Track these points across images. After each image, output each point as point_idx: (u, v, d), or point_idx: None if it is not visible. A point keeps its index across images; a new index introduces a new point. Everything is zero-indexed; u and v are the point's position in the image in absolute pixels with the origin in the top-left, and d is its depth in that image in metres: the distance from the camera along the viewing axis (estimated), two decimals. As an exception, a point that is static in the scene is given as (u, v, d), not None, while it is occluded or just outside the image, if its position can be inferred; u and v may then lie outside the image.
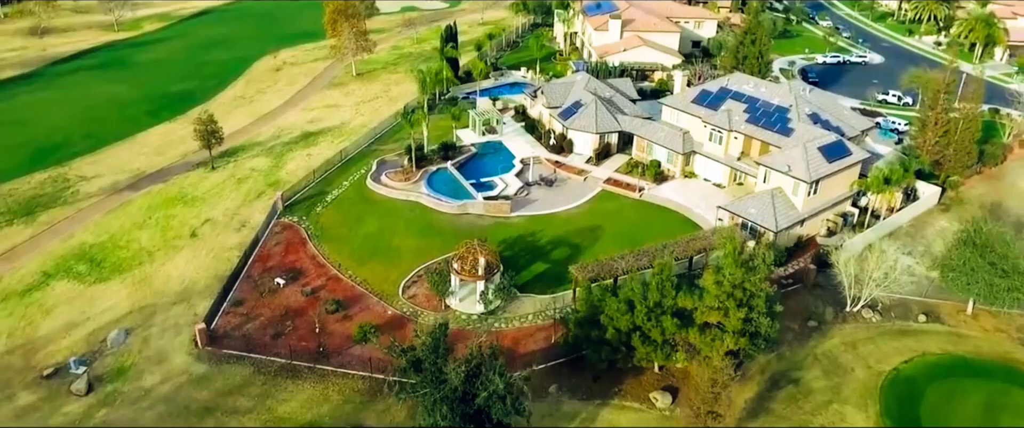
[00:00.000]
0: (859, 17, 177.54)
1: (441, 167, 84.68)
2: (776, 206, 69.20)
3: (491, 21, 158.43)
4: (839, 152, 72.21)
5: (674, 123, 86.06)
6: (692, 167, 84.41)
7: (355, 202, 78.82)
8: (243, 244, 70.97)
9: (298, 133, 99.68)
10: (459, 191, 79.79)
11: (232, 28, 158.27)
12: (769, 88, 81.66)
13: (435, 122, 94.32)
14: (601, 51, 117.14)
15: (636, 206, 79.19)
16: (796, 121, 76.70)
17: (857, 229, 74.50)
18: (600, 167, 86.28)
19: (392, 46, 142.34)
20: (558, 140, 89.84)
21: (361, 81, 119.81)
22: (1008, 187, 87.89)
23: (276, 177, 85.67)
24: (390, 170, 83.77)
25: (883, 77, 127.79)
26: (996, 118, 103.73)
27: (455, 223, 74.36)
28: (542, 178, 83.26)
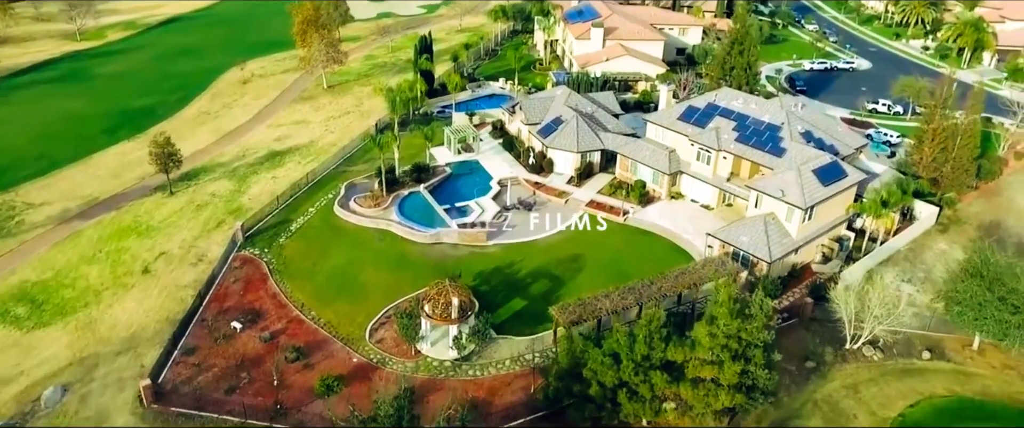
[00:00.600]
0: (845, 20, 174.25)
1: (414, 190, 79.81)
2: (769, 234, 64.99)
3: (469, 28, 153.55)
4: (835, 174, 68.11)
5: (659, 141, 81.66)
6: (679, 187, 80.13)
7: (321, 231, 73.79)
8: (199, 281, 65.79)
9: (264, 152, 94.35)
10: (432, 217, 74.99)
11: (200, 37, 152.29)
12: (759, 104, 77.47)
13: (408, 140, 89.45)
14: (583, 61, 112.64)
15: (620, 231, 74.74)
16: (788, 140, 72.55)
17: (854, 254, 70.54)
18: (582, 188, 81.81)
19: (366, 55, 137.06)
20: (537, 159, 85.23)
21: (332, 94, 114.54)
22: (1007, 204, 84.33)
23: (238, 203, 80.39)
24: (359, 195, 78.78)
25: (872, 84, 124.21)
26: (989, 128, 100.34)
27: (428, 254, 69.55)
28: (521, 202, 78.63)
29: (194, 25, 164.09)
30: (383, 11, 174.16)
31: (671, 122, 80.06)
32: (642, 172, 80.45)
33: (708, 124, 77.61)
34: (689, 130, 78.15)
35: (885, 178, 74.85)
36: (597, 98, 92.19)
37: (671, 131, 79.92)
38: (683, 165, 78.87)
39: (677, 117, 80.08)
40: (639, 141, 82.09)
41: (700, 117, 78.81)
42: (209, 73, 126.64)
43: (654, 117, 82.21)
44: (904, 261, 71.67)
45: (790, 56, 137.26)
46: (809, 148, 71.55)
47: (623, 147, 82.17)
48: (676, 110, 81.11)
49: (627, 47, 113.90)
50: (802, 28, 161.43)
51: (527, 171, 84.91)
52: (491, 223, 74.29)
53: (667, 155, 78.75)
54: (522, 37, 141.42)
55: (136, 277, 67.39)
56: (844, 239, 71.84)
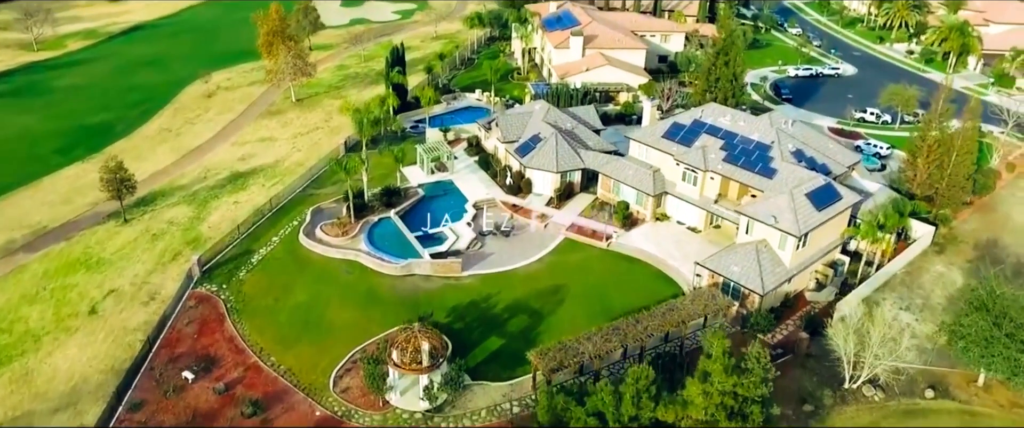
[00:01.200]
0: (828, 23, 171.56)
1: (384, 216, 75.18)
2: (762, 263, 61.14)
3: (445, 34, 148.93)
4: (829, 197, 64.40)
5: (643, 159, 77.64)
6: (664, 209, 76.19)
7: (285, 264, 68.97)
8: (149, 324, 60.79)
9: (226, 174, 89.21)
10: (404, 246, 70.40)
11: (164, 46, 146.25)
12: (748, 121, 73.66)
13: (378, 159, 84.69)
14: (562, 71, 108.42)
15: (603, 257, 70.64)
16: (779, 160, 68.80)
17: (849, 280, 66.93)
18: (562, 210, 77.62)
19: (337, 65, 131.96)
20: (515, 179, 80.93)
21: (300, 108, 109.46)
22: (1002, 220, 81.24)
23: (196, 232, 75.32)
24: (326, 222, 74.00)
25: (858, 91, 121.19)
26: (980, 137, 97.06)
27: (398, 288, 65.02)
28: (497, 227, 74.29)
29: (159, 34, 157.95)
30: (356, 17, 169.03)
31: (655, 140, 76.06)
32: (625, 193, 76.44)
33: (694, 142, 73.70)
34: (674, 149, 74.20)
35: (879, 198, 71.33)
36: (577, 112, 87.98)
37: (655, 149, 75.89)
38: (668, 185, 74.92)
39: (662, 135, 76.10)
40: (622, 160, 78.03)
41: (686, 135, 74.87)
42: (172, 86, 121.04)
43: (637, 134, 78.18)
44: (901, 286, 68.16)
45: (775, 62, 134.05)
46: (801, 168, 67.83)
47: (605, 166, 78.07)
48: (660, 127, 77.11)
49: (608, 56, 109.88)
50: (785, 32, 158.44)
51: (504, 192, 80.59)
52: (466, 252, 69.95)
53: (651, 175, 74.76)
54: (499, 44, 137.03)
55: (81, 319, 62.24)
56: (838, 264, 68.25)
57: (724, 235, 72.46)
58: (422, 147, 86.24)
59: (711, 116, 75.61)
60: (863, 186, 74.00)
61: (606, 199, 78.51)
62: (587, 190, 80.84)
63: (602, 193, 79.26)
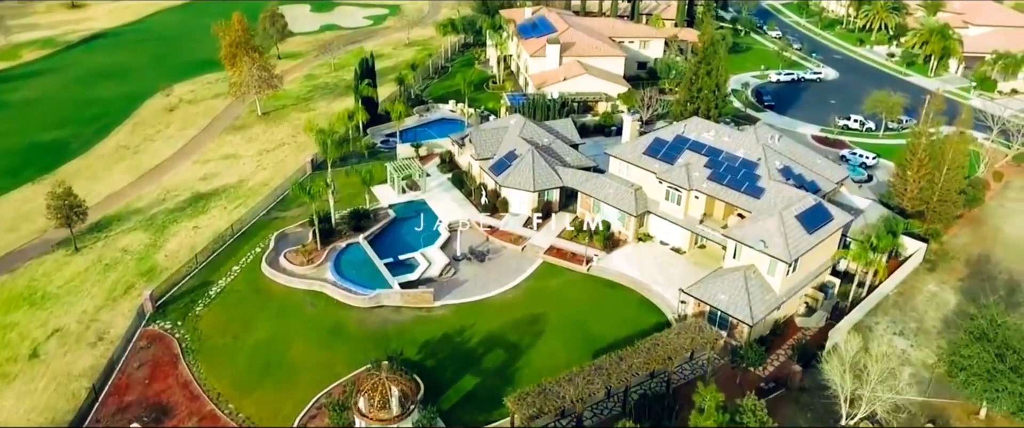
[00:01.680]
0: (807, 25, 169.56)
1: (352, 241, 71.08)
2: (750, 290, 57.93)
3: (418, 41, 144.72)
4: (820, 219, 61.36)
5: (624, 176, 74.23)
6: (647, 228, 72.87)
7: (246, 296, 64.69)
8: (96, 368, 56.27)
9: (187, 195, 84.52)
10: (373, 274, 66.39)
11: (125, 56, 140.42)
12: (733, 137, 70.48)
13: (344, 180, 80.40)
14: (538, 80, 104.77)
15: (584, 283, 67.15)
16: (766, 178, 65.66)
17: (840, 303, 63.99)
18: (540, 231, 74.01)
19: (306, 75, 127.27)
20: (491, 198, 77.20)
21: (266, 122, 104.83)
22: (992, 233, 78.89)
23: (152, 262, 70.72)
24: (291, 249, 69.77)
25: (841, 96, 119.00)
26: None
27: (366, 322, 61.04)
28: (472, 251, 70.56)
29: (120, 42, 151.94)
30: (327, 23, 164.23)
31: (636, 157, 72.66)
32: (606, 212, 73.02)
33: (677, 159, 70.41)
34: (656, 166, 70.85)
35: (870, 215, 68.49)
36: (555, 126, 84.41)
37: (637, 167, 72.49)
38: (651, 204, 71.59)
39: (643, 151, 72.72)
40: (602, 178, 74.55)
41: (668, 151, 71.55)
42: (132, 99, 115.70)
43: (618, 151, 74.73)
44: (894, 308, 65.37)
45: (756, 66, 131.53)
46: (789, 187, 64.73)
47: (584, 184, 74.59)
48: (641, 143, 73.71)
49: (586, 64, 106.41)
50: (765, 34, 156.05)
51: (479, 212, 76.81)
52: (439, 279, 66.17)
53: (632, 194, 71.39)
54: (474, 51, 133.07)
55: (21, 364, 57.56)
56: (828, 286, 65.32)
57: (710, 256, 69.33)
58: (392, 165, 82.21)
59: (694, 131, 72.36)
60: (853, 202, 71.17)
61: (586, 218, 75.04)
62: (566, 208, 77.35)
63: (582, 212, 75.78)
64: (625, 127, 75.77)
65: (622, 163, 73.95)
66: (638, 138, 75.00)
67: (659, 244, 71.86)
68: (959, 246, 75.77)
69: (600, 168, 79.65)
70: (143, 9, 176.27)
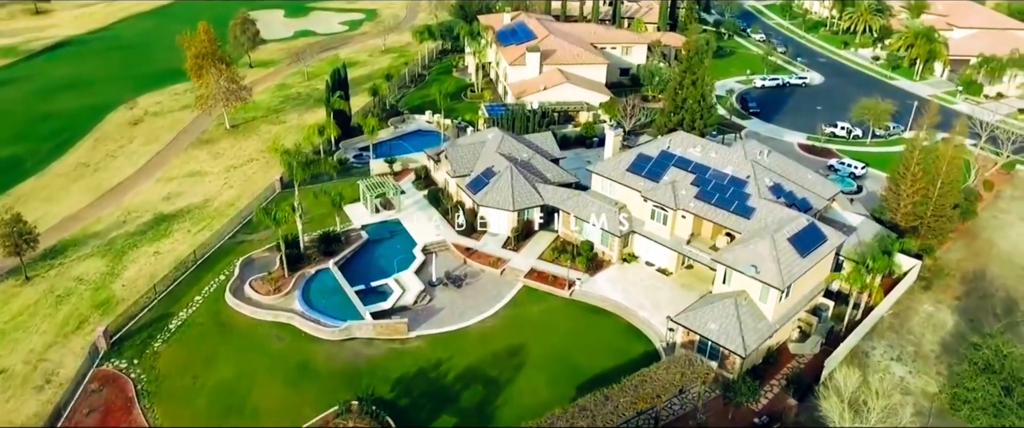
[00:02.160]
0: (791, 27, 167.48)
1: (322, 267, 67.28)
2: (742, 319, 54.86)
3: (395, 47, 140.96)
4: (813, 240, 58.40)
5: (607, 194, 71.00)
6: (632, 248, 69.70)
7: (207, 330, 60.75)
8: (41, 416, 52.21)
9: (149, 217, 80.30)
10: (344, 304, 62.67)
11: (90, 66, 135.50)
12: (720, 153, 67.38)
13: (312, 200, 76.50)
14: (518, 90, 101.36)
15: (567, 309, 63.85)
16: (756, 197, 62.61)
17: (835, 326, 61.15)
18: (520, 252, 70.64)
19: (278, 84, 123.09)
20: (468, 217, 73.72)
21: (235, 136, 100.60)
22: (987, 247, 76.49)
23: (108, 292, 66.58)
24: (256, 277, 65.88)
25: (827, 102, 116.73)
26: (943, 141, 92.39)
27: (337, 357, 57.36)
28: (448, 276, 67.04)
29: (86, 51, 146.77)
30: (301, 29, 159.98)
31: (620, 174, 69.41)
32: (589, 231, 69.78)
33: (662, 176, 67.22)
34: (641, 184, 67.62)
35: (863, 234, 65.65)
36: (534, 140, 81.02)
37: (620, 184, 69.26)
38: (635, 224, 68.39)
39: (627, 168, 69.47)
40: (584, 196, 71.24)
41: (653, 168, 68.35)
42: (95, 112, 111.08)
43: (600, 168, 71.43)
44: (890, 331, 62.63)
45: (741, 71, 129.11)
46: (780, 206, 61.72)
47: (566, 202, 71.25)
48: (625, 159, 70.45)
49: (566, 73, 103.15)
50: (748, 37, 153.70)
51: (456, 233, 73.26)
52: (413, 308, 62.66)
53: (616, 213, 68.16)
54: (452, 58, 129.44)
55: (-40, 412, 53.34)
56: (822, 309, 62.46)
57: (698, 277, 66.30)
58: (365, 183, 78.37)
59: (680, 146, 69.21)
60: (845, 219, 68.35)
61: (568, 237, 71.83)
62: (548, 227, 74.01)
63: (563, 231, 72.55)
64: (607, 142, 72.46)
65: (605, 180, 70.67)
66: (621, 153, 71.75)
67: (645, 265, 68.74)
68: (954, 262, 73.27)
69: (582, 184, 76.41)
70: (111, 14, 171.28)
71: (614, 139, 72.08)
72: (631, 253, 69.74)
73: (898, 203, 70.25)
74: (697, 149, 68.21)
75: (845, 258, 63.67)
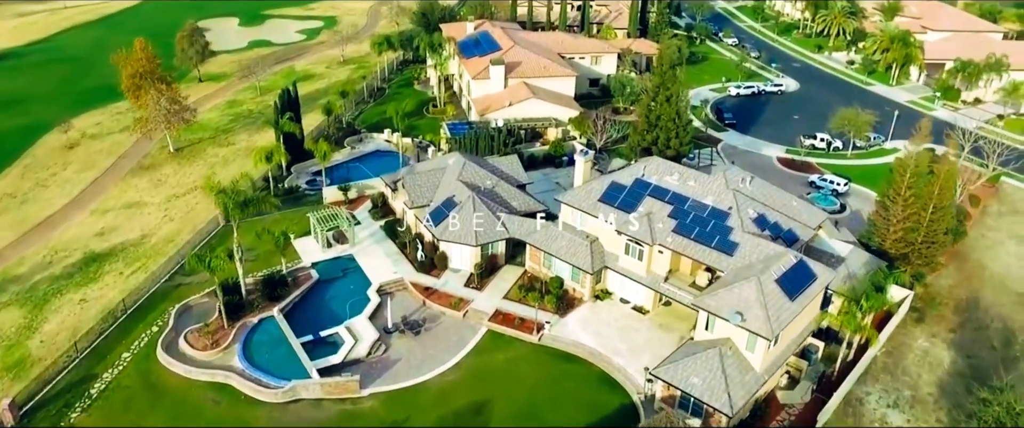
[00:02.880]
0: (763, 30, 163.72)
1: (265, 316, 60.99)
2: (727, 372, 49.77)
3: (354, 58, 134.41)
4: (803, 281, 53.50)
5: (578, 226, 65.62)
6: (605, 284, 64.41)
7: (135, 394, 54.17)
8: (-67, 508, 45.36)
9: (78, 256, 73.35)
10: (289, 359, 56.47)
11: (26, 81, 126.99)
12: (700, 181, 62.23)
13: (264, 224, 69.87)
14: (482, 105, 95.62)
15: (535, 356, 58.32)
16: (739, 230, 57.59)
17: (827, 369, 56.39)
18: (484, 290, 64.98)
19: (228, 101, 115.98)
20: (428, 252, 67.88)
21: (178, 161, 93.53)
22: (978, 271, 72.48)
23: (23, 351, 59.65)
24: (193, 328, 59.38)
25: (804, 110, 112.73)
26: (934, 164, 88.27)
27: (280, 422, 51.39)
28: (405, 322, 61.17)
29: (23, 65, 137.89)
30: (256, 39, 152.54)
31: (591, 205, 64.01)
32: (558, 267, 64.30)
33: (637, 207, 61.92)
34: (614, 216, 62.24)
35: (853, 265, 60.91)
36: (499, 165, 75.38)
37: (592, 216, 63.85)
38: (609, 259, 63.06)
39: (598, 198, 64.09)
40: (553, 228, 65.74)
41: (627, 198, 63.01)
42: (28, 134, 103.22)
43: (569, 197, 65.96)
44: (884, 373, 58.03)
45: (716, 79, 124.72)
46: (765, 241, 56.73)
47: (533, 235, 65.69)
48: (596, 188, 65.03)
49: (533, 87, 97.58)
50: (721, 42, 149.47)
51: (415, 270, 67.38)
52: (367, 360, 56.75)
53: (588, 247, 62.78)
54: (413, 69, 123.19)
55: None
56: (811, 350, 57.65)
57: (677, 316, 61.24)
58: (316, 215, 72.01)
59: (655, 174, 63.97)
60: (833, 249, 63.61)
61: (536, 272, 66.37)
62: (514, 260, 68.47)
63: (531, 266, 67.03)
64: (577, 168, 66.95)
65: (575, 211, 65.24)
66: (592, 181, 66.30)
67: (619, 302, 63.47)
68: (945, 289, 69.09)
69: (552, 212, 70.95)
70: (53, 24, 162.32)
71: (584, 165, 66.59)
72: (604, 289, 64.45)
73: (888, 229, 65.72)
74: (674, 177, 63.02)
75: (834, 292, 58.97)
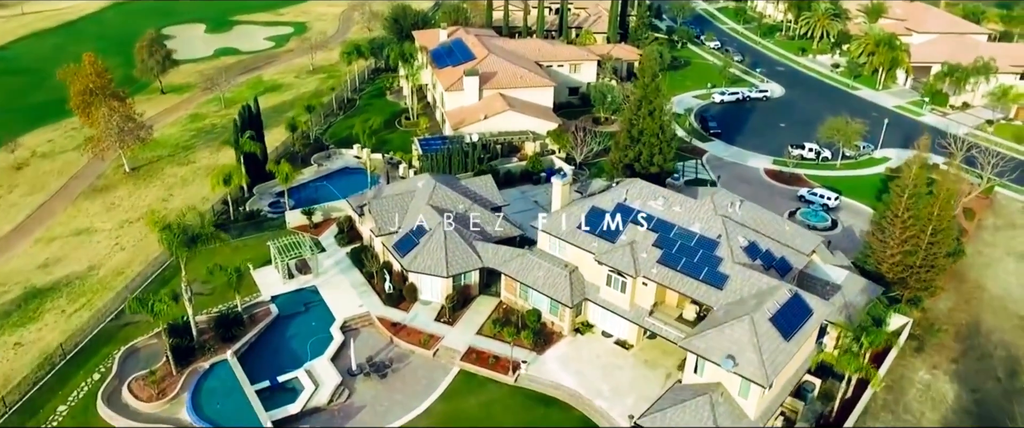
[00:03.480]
0: (745, 32, 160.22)
1: (218, 359, 56.09)
2: (719, 422, 45.65)
3: (324, 66, 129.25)
4: (798, 317, 49.54)
5: (556, 253, 61.28)
6: (586, 316, 60.16)
7: (68, 454, 49.16)
8: None
9: (17, 292, 67.92)
10: (243, 409, 51.67)
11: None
12: (686, 206, 58.01)
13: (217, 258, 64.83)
14: (455, 119, 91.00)
15: (511, 399, 53.97)
16: (729, 261, 53.49)
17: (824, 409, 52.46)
18: (457, 325, 60.47)
19: (191, 114, 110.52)
20: (396, 283, 63.24)
21: (135, 181, 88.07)
22: (977, 293, 69.02)
23: (-53, 404, 54.21)
24: (138, 375, 54.39)
25: (791, 118, 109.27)
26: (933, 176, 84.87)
27: (228, 487, 46.44)
28: (370, 363, 56.57)
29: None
30: (223, 46, 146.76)
31: (570, 233, 59.65)
32: (536, 298, 59.94)
33: (619, 236, 57.64)
34: (594, 245, 57.97)
35: (850, 293, 56.95)
36: (472, 186, 70.81)
37: (571, 244, 59.51)
38: (589, 290, 58.78)
39: (578, 225, 59.72)
40: (530, 256, 61.29)
41: (608, 225, 58.65)
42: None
43: (547, 224, 61.55)
44: (884, 411, 54.26)
45: (701, 85, 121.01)
46: (757, 274, 52.64)
47: (508, 265, 61.26)
48: (575, 213, 60.67)
49: (509, 98, 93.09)
50: (703, 45, 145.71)
51: (383, 303, 62.73)
52: (328, 408, 52.10)
53: (567, 278, 58.49)
54: (385, 78, 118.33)
55: None
56: (807, 388, 53.75)
57: (663, 351, 57.15)
58: (277, 244, 67.02)
59: (638, 198, 59.71)
60: (827, 275, 59.59)
61: (512, 304, 62.00)
62: (488, 290, 64.05)
63: (506, 296, 62.64)
64: (554, 192, 62.50)
65: (553, 239, 60.86)
66: (571, 205, 61.91)
67: (601, 336, 59.25)
68: (944, 312, 65.53)
69: (529, 236, 66.63)
70: (9, 32, 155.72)
71: (562, 190, 62.14)
72: (585, 321, 60.21)
73: (885, 252, 61.89)
74: (659, 202, 58.76)
75: (830, 322, 55.03)
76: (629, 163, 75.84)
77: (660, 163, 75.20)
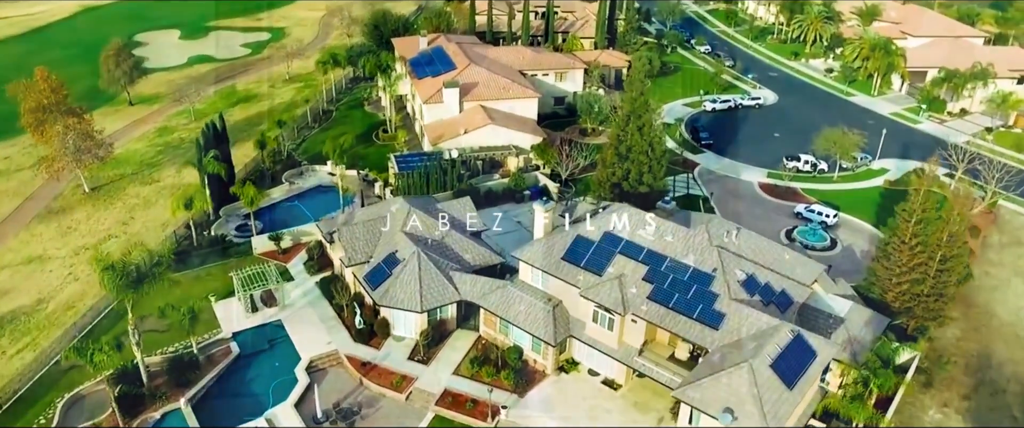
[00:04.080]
0: (736, 35, 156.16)
1: (170, 409, 51.40)
2: (717, 481, 41.31)
3: (300, 75, 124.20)
4: (801, 361, 45.41)
5: (538, 287, 56.88)
6: (570, 353, 55.82)
7: (-3, 522, 44.37)
8: None
9: (-42, 330, 62.87)
10: (194, 466, 47.11)
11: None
12: (679, 236, 53.66)
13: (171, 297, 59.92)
14: (434, 134, 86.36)
15: (491, 450, 49.50)
16: (725, 298, 49.26)
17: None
18: (432, 364, 55.98)
19: (159, 127, 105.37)
20: (367, 317, 58.67)
21: (94, 202, 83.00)
22: (986, 319, 65.05)
23: None
24: (83, 427, 49.64)
25: (784, 127, 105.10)
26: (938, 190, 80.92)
27: None
28: (337, 409, 52.08)
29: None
30: (198, 54, 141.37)
31: (553, 264, 55.23)
32: (517, 334, 55.52)
33: (607, 268, 53.28)
34: (581, 278, 53.60)
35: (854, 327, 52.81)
36: (450, 209, 66.24)
37: (554, 277, 55.11)
38: (574, 326, 54.42)
39: (562, 256, 55.33)
40: (511, 289, 56.84)
41: (594, 256, 54.37)
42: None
43: (528, 254, 57.08)
44: (894, 456, 50.08)
45: (693, 91, 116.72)
46: (755, 312, 48.44)
47: (487, 298, 56.78)
48: (559, 244, 56.27)
49: (491, 111, 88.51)
50: (693, 50, 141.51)
51: (353, 339, 58.17)
52: (289, 465, 47.52)
53: (550, 314, 54.14)
54: (363, 88, 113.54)
55: None
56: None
57: (654, 391, 52.92)
58: (239, 276, 62.25)
59: (626, 227, 55.29)
60: (830, 306, 55.35)
61: (491, 339, 57.57)
62: (467, 323, 59.58)
63: (486, 331, 58.19)
64: (537, 220, 58.03)
65: (535, 271, 56.45)
66: (554, 234, 57.48)
67: (587, 375, 54.90)
68: (952, 342, 61.53)
69: (510, 266, 62.17)
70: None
71: (544, 218, 57.62)
72: (570, 358, 55.86)
73: (891, 280, 57.81)
74: (649, 231, 54.41)
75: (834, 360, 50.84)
76: (617, 181, 71.44)
77: (650, 181, 70.75)
